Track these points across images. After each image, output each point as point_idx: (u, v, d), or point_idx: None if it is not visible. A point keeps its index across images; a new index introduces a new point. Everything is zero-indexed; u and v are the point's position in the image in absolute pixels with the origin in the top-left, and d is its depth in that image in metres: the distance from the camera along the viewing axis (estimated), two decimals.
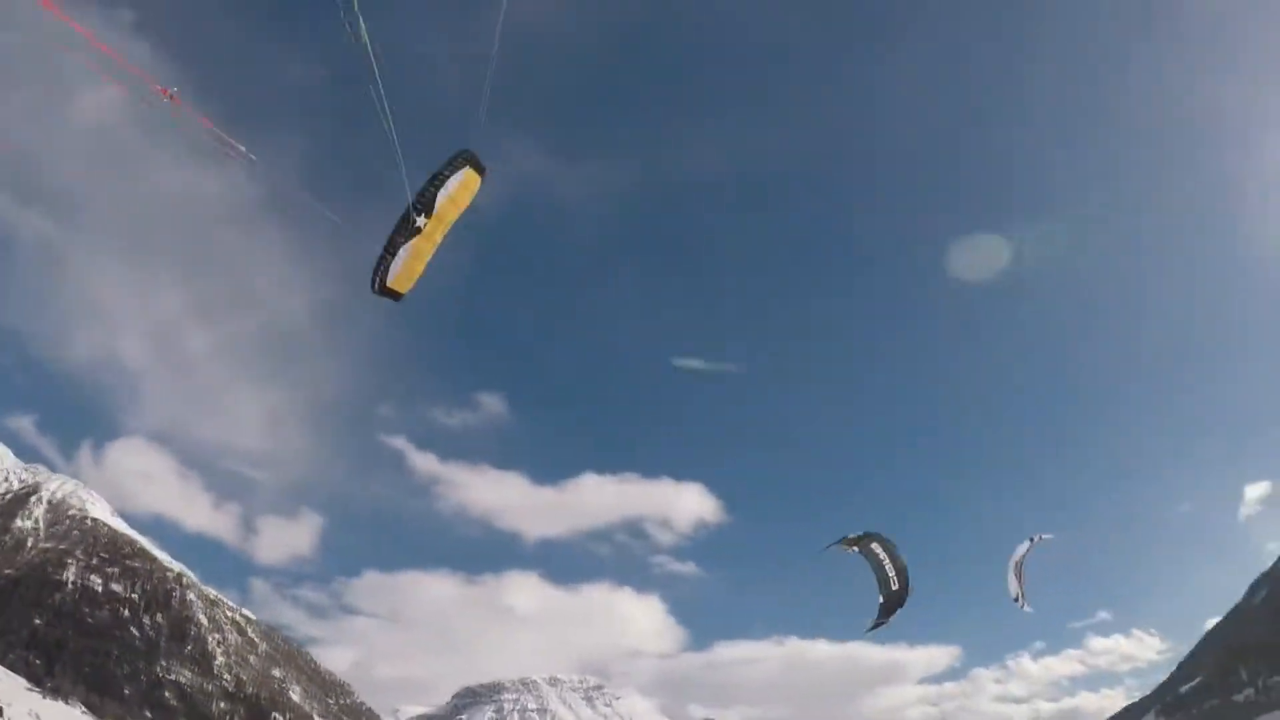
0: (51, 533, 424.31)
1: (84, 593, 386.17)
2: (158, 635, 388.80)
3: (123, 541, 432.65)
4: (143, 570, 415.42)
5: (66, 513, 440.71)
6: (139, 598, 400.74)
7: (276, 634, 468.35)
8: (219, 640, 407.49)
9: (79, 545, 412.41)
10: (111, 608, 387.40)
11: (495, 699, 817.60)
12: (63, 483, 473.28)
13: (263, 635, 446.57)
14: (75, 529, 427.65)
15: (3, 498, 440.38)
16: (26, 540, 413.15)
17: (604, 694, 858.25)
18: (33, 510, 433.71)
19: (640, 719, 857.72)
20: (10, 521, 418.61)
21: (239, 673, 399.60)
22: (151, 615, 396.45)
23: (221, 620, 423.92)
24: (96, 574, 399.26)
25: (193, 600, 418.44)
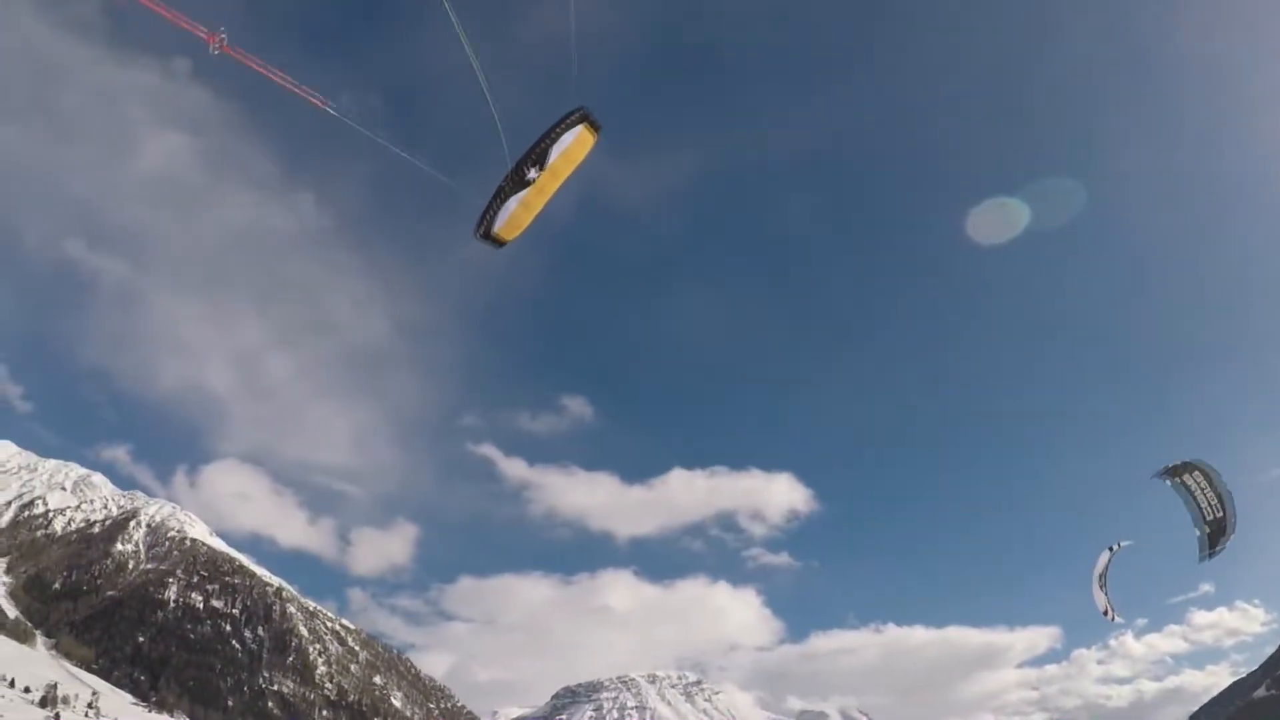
0: (152, 554, 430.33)
1: (186, 610, 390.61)
2: (259, 648, 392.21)
3: (221, 560, 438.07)
4: (242, 586, 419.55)
5: (165, 535, 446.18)
6: (240, 612, 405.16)
7: (376, 642, 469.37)
8: (320, 650, 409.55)
9: (179, 565, 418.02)
10: (213, 623, 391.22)
11: (594, 698, 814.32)
12: (160, 507, 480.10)
13: (363, 644, 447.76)
14: (175, 550, 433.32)
15: (103, 524, 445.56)
16: (128, 563, 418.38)
17: (703, 689, 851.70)
18: (132, 534, 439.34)
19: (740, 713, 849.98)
20: (111, 546, 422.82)
21: (340, 681, 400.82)
22: (253, 629, 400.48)
23: (322, 631, 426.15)
24: (197, 591, 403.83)
25: (293, 613, 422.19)
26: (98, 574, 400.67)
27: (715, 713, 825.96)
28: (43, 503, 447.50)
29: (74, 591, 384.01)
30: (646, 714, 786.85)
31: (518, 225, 31.55)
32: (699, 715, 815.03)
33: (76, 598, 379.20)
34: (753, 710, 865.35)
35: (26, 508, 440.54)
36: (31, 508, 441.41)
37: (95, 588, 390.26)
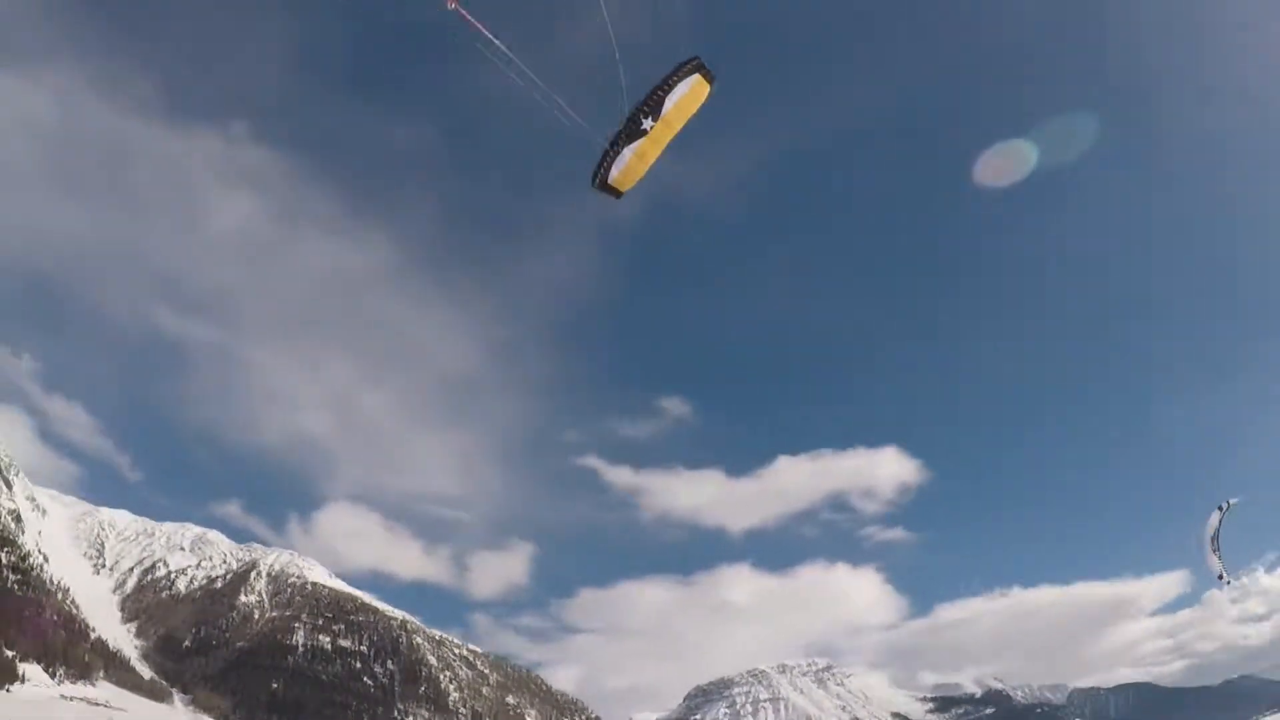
0: (275, 602, 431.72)
1: (315, 652, 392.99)
2: (391, 681, 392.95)
3: (344, 599, 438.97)
4: (367, 623, 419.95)
5: (286, 582, 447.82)
6: (368, 649, 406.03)
7: (505, 663, 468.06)
8: (451, 677, 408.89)
9: (303, 609, 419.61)
10: (343, 662, 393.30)
11: (726, 694, 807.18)
12: (278, 555, 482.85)
13: (492, 666, 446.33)
14: (297, 595, 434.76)
15: (225, 578, 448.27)
16: (253, 613, 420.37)
17: (834, 674, 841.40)
18: (254, 585, 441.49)
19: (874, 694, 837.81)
20: (235, 599, 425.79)
21: (474, 705, 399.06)
22: (382, 663, 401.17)
23: (450, 658, 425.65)
24: (324, 633, 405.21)
25: (420, 643, 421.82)
26: (225, 627, 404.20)
27: (849, 696, 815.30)
28: (164, 565, 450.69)
29: (204, 647, 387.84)
30: (781, 705, 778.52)
31: (633, 175, 31.42)
32: (833, 700, 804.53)
33: (208, 652, 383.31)
34: (887, 690, 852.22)
35: (149, 571, 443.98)
36: (154, 571, 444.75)
37: (224, 641, 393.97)
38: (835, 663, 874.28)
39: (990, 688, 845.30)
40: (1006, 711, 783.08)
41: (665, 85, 30.27)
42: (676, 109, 30.54)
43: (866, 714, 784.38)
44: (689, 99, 30.81)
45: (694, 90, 30.74)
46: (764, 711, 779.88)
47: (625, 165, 31.00)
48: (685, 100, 30.65)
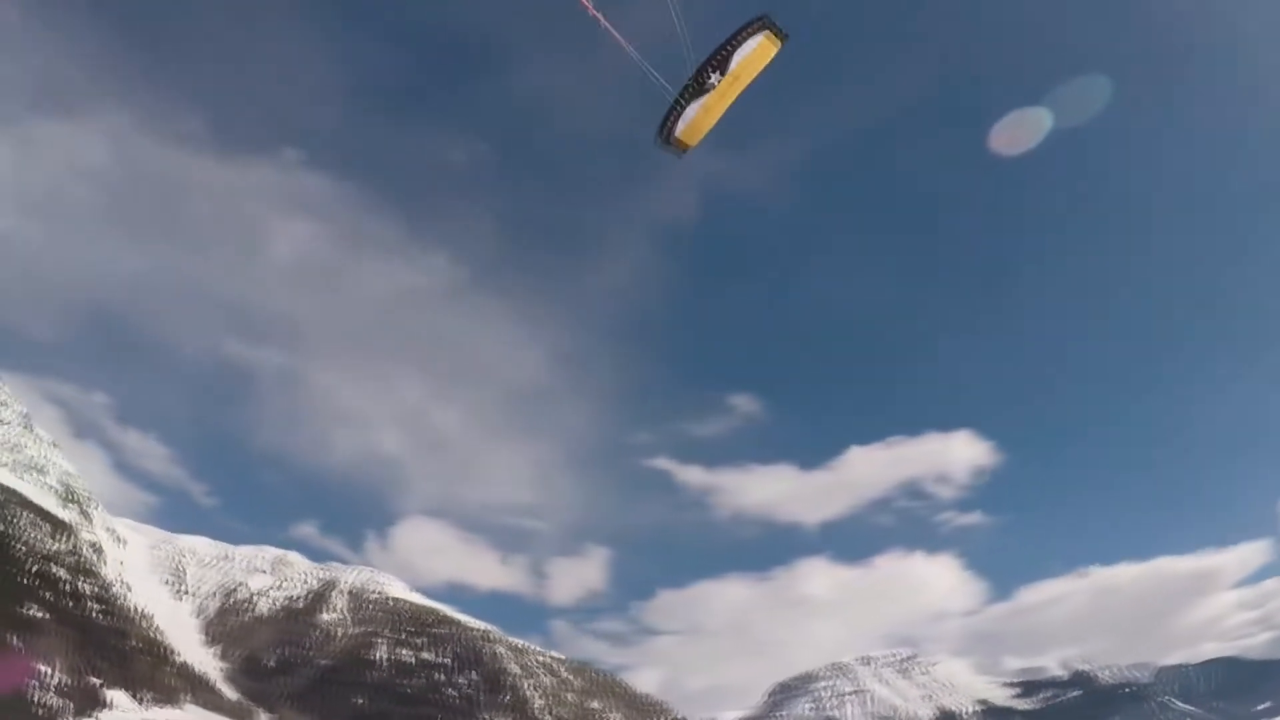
0: (356, 619, 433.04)
1: (397, 666, 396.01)
2: (475, 691, 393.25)
3: (424, 613, 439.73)
4: (448, 635, 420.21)
5: (366, 598, 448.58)
6: (450, 660, 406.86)
7: (587, 668, 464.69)
8: (534, 685, 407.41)
9: (384, 625, 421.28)
10: (425, 674, 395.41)
11: (809, 689, 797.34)
12: (357, 572, 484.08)
13: (574, 671, 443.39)
14: (378, 611, 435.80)
15: (305, 598, 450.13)
16: (334, 630, 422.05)
17: (917, 663, 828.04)
18: (335, 603, 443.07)
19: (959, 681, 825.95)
20: (316, 617, 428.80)
21: (559, 712, 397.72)
22: (465, 674, 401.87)
23: (532, 666, 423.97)
24: (405, 647, 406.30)
25: (501, 653, 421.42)
26: (307, 645, 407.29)
27: (933, 685, 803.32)
28: (244, 588, 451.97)
29: (288, 666, 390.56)
30: (865, 697, 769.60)
31: (699, 130, 30.92)
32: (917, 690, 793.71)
33: (291, 671, 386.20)
34: (971, 676, 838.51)
35: (229, 595, 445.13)
36: (234, 594, 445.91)
37: (307, 659, 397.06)
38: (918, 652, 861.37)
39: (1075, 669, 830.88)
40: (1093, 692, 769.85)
41: (732, 41, 29.73)
42: (743, 65, 29.97)
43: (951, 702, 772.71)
44: (756, 56, 30.27)
45: (761, 47, 30.24)
46: (848, 705, 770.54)
47: (691, 121, 30.51)
48: (752, 57, 30.11)
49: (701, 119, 30.78)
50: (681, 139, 31.27)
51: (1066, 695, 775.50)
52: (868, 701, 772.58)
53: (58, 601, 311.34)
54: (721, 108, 30.73)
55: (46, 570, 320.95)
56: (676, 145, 31.59)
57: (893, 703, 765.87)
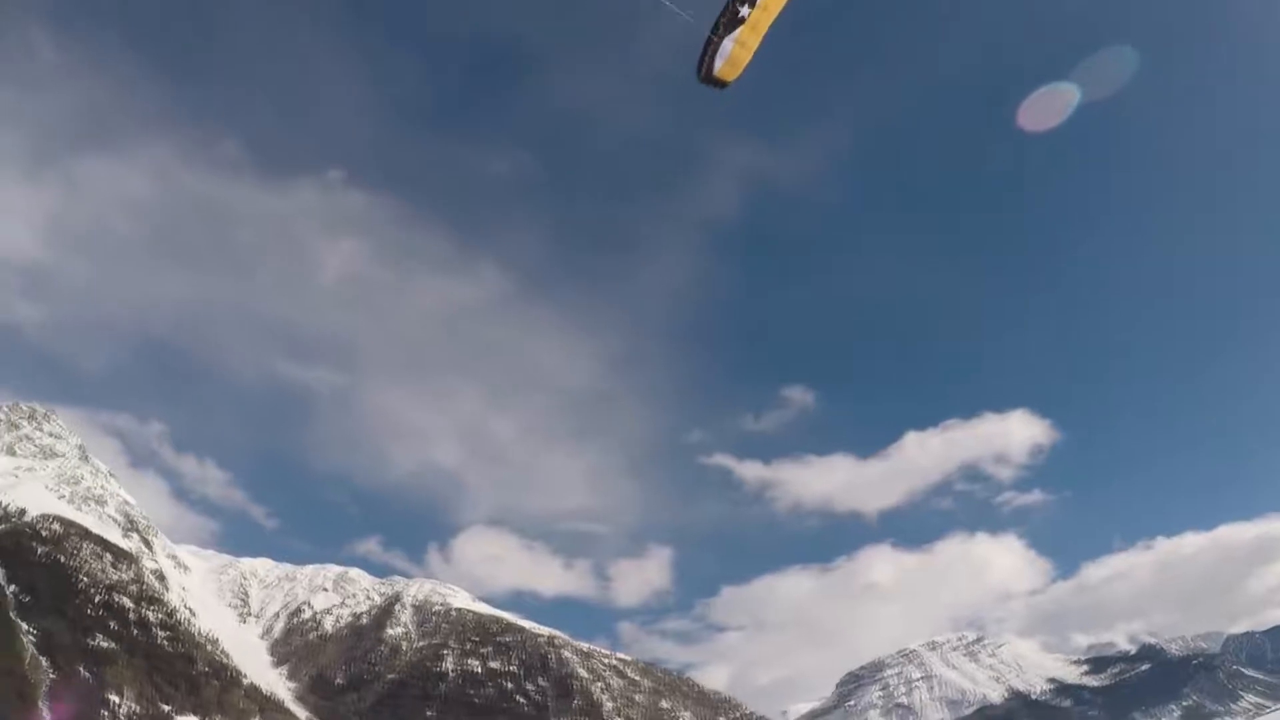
0: (422, 631, 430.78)
1: (465, 676, 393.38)
2: (544, 697, 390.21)
3: (489, 622, 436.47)
4: (515, 643, 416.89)
5: (431, 611, 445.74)
6: (518, 668, 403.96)
7: (654, 668, 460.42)
8: (603, 688, 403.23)
9: (450, 636, 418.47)
10: (494, 683, 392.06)
11: (878, 677, 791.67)
12: (420, 585, 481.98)
13: (642, 672, 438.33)
14: (443, 623, 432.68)
15: (369, 613, 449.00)
16: (401, 644, 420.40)
17: (985, 645, 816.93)
18: (400, 617, 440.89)
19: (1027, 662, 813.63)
20: (382, 632, 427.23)
21: (629, 713, 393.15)
22: (534, 681, 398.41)
23: (600, 669, 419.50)
24: (473, 657, 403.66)
25: (569, 657, 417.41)
26: (375, 661, 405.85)
27: (1002, 667, 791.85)
28: (308, 607, 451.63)
29: (356, 682, 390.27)
30: (934, 682, 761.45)
31: (738, 64, 30.52)
32: (986, 673, 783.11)
33: (360, 687, 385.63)
34: (1040, 656, 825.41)
35: (294, 615, 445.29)
36: (299, 613, 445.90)
37: (375, 674, 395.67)
38: (984, 634, 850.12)
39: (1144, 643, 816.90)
40: (1162, 665, 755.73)
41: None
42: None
43: (1021, 683, 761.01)
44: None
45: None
46: (918, 691, 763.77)
47: (729, 55, 30.03)
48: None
49: (738, 53, 30.18)
50: (721, 76, 30.64)
51: (1136, 670, 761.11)
52: (936, 686, 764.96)
53: (124, 631, 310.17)
54: (756, 41, 30.19)
55: (111, 600, 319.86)
56: (717, 81, 30.87)
57: (962, 686, 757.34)
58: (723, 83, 31.10)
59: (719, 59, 30.19)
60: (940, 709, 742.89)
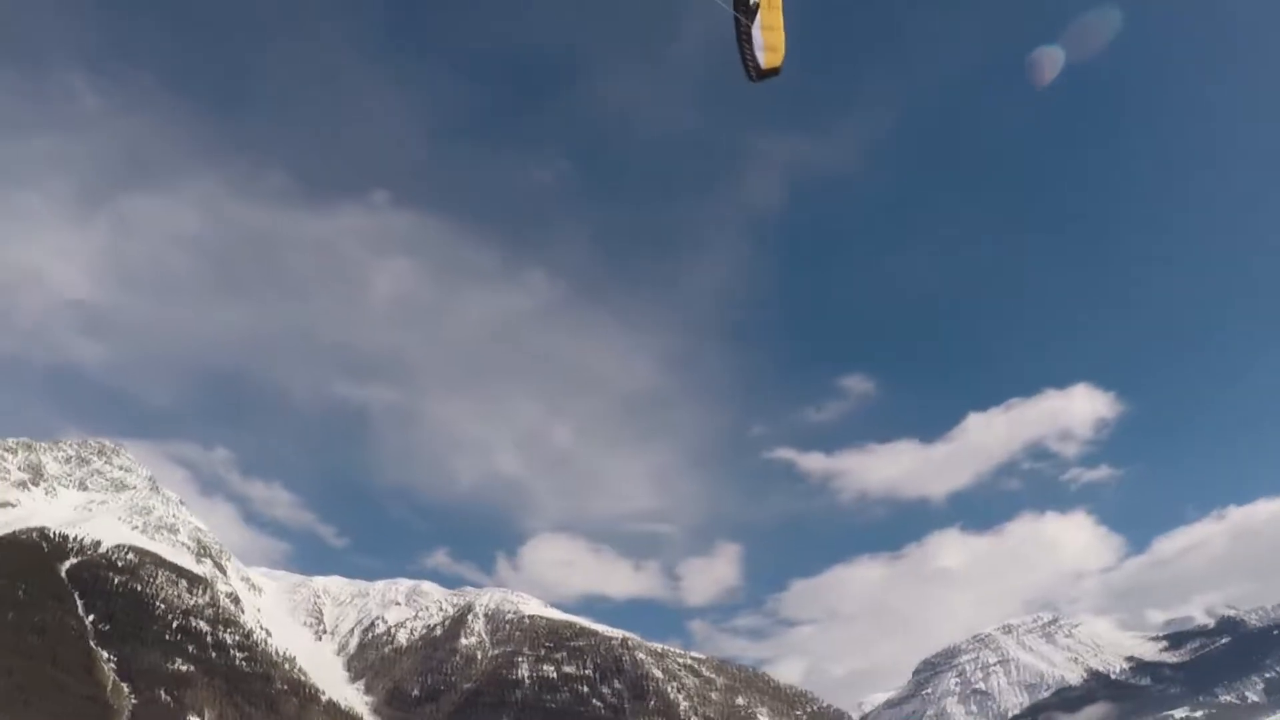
0: (495, 640, 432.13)
1: (540, 682, 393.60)
2: (620, 700, 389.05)
3: (562, 627, 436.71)
4: (588, 646, 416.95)
5: (503, 619, 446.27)
6: (592, 672, 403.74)
7: (728, 666, 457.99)
8: (678, 688, 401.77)
9: (523, 643, 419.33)
10: (569, 688, 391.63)
11: (954, 663, 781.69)
12: (491, 594, 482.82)
13: (716, 670, 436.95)
14: (516, 630, 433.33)
15: (442, 625, 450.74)
16: (475, 654, 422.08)
17: (1060, 626, 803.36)
18: (472, 626, 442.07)
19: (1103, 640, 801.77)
20: (455, 643, 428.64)
21: (705, 712, 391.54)
22: (608, 684, 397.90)
23: (674, 669, 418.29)
24: (546, 663, 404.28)
25: (642, 659, 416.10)
26: (449, 671, 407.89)
27: (1079, 647, 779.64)
28: (382, 621, 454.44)
29: (432, 694, 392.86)
30: (1011, 666, 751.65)
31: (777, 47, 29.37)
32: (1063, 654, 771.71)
33: (436, 698, 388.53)
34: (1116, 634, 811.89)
35: (368, 630, 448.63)
36: (373, 629, 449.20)
37: (451, 684, 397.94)
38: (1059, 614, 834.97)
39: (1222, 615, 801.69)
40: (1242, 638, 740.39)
41: None
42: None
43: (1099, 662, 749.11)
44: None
45: None
46: (994, 676, 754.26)
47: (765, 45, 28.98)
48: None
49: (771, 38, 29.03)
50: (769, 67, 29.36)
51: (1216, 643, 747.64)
52: (1013, 670, 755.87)
53: (202, 653, 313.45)
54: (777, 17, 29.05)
55: (188, 624, 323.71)
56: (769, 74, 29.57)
57: (1039, 669, 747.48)
58: (775, 71, 29.82)
59: (759, 53, 29.16)
60: (1018, 693, 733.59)
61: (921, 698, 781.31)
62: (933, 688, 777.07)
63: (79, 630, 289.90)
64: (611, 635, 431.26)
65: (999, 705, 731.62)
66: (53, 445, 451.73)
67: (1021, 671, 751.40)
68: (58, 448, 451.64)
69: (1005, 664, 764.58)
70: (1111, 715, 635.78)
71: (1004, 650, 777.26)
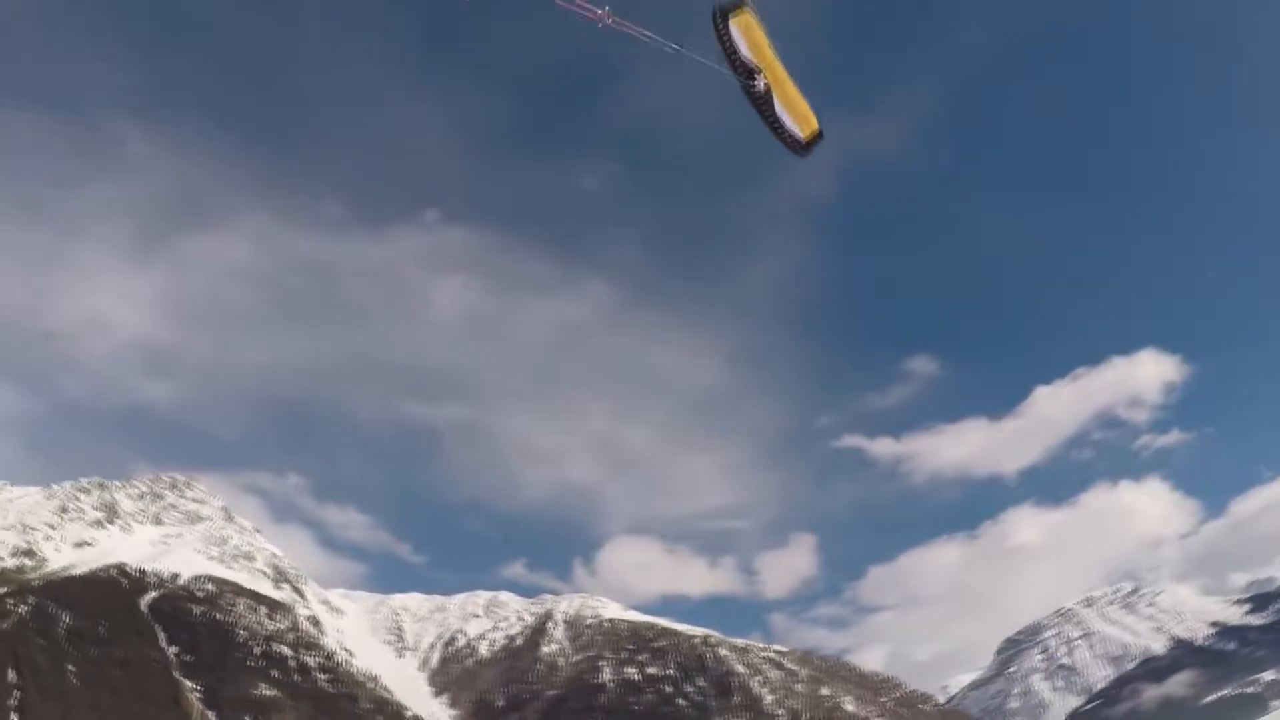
0: (576, 645, 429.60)
1: (624, 685, 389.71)
2: (705, 698, 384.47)
3: (642, 629, 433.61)
4: (670, 646, 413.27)
5: (584, 624, 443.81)
6: (675, 671, 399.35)
7: (811, 657, 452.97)
8: (762, 681, 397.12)
9: (605, 647, 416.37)
10: (654, 689, 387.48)
11: (1037, 640, 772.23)
12: (570, 601, 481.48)
13: (799, 662, 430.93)
14: (596, 635, 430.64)
15: (523, 634, 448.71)
16: (557, 660, 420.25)
17: (1141, 596, 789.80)
18: (553, 633, 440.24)
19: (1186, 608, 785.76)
20: (537, 651, 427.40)
21: (790, 704, 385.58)
22: (692, 682, 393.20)
23: (757, 663, 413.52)
24: (629, 665, 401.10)
25: (725, 655, 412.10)
26: (533, 679, 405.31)
27: (1162, 616, 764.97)
28: (462, 634, 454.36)
29: (517, 703, 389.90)
30: (1094, 639, 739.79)
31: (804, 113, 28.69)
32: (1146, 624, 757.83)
33: (521, 707, 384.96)
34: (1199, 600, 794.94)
35: (449, 644, 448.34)
36: (454, 642, 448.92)
37: (535, 692, 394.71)
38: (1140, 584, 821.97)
39: None
40: None
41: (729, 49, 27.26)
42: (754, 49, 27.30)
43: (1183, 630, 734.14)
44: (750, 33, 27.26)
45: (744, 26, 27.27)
46: (1078, 650, 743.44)
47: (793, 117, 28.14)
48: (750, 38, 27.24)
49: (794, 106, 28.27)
50: (810, 135, 28.77)
51: None
52: (1097, 643, 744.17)
53: (286, 678, 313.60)
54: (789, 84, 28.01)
55: (270, 650, 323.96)
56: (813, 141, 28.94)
57: (1123, 640, 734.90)
58: (816, 137, 29.05)
59: (793, 128, 28.53)
60: (1103, 666, 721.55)
61: (1006, 677, 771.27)
62: (1017, 666, 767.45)
63: (163, 662, 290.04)
64: (692, 634, 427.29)
65: (1084, 679, 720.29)
66: (125, 483, 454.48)
67: (1105, 644, 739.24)
68: (130, 485, 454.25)
69: (1088, 637, 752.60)
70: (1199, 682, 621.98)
71: (1086, 624, 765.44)
